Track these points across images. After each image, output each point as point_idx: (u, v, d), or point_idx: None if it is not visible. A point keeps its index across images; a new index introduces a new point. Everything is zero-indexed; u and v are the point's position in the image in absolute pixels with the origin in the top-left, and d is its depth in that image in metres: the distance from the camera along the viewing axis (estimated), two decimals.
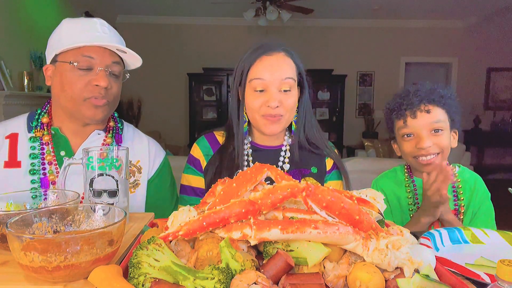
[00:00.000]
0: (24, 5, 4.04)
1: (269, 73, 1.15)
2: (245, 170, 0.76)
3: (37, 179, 1.14)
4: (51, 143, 1.18)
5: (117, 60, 1.18)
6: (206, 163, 1.26)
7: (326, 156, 1.30)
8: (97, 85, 1.12)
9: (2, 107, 3.44)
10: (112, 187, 0.89)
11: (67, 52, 1.13)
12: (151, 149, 1.32)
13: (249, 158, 1.25)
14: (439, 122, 1.22)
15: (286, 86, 1.17)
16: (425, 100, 1.22)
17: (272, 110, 1.15)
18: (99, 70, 1.13)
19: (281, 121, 1.19)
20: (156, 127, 6.84)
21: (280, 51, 1.19)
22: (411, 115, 1.23)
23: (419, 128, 1.22)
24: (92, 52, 1.12)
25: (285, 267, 0.59)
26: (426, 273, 0.59)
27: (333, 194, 0.63)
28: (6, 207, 0.85)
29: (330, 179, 1.30)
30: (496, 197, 1.51)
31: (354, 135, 7.34)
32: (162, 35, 6.99)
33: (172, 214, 0.69)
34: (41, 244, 0.59)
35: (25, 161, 1.15)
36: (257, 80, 1.16)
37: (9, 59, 3.67)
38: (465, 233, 0.96)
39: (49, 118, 1.21)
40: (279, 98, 1.16)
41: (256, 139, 1.29)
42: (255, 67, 1.17)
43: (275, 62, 1.17)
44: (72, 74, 1.12)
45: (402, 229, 0.69)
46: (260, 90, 1.17)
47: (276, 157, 1.27)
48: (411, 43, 7.17)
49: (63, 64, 1.12)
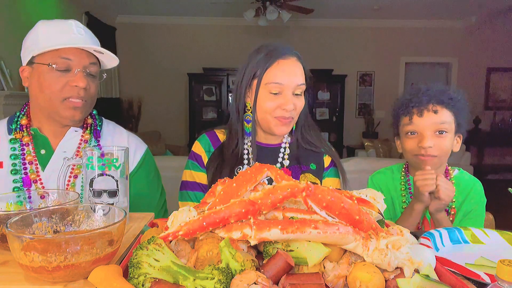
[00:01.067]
0: (24, 5, 4.04)
1: (287, 78, 1.19)
2: (245, 170, 0.76)
3: (19, 179, 1.17)
4: (32, 143, 1.21)
5: (94, 61, 1.22)
6: (208, 160, 1.29)
7: (324, 153, 1.34)
8: (76, 86, 1.15)
9: (2, 107, 3.45)
10: (112, 187, 0.90)
11: (44, 54, 1.15)
12: (131, 143, 1.34)
13: (250, 155, 1.28)
14: (444, 123, 1.22)
15: (300, 91, 1.22)
16: (433, 100, 1.23)
17: (286, 113, 1.20)
18: (77, 71, 1.16)
19: (292, 123, 1.25)
20: (156, 127, 6.83)
21: (293, 55, 1.23)
22: (418, 113, 1.24)
23: (423, 127, 1.23)
24: (70, 53, 1.15)
25: (285, 267, 0.59)
26: (426, 273, 0.59)
27: (333, 194, 0.63)
28: (6, 207, 0.85)
29: (328, 175, 1.33)
30: (496, 197, 1.51)
31: (354, 135, 7.34)
32: (162, 35, 6.99)
33: (172, 214, 0.69)
34: (41, 244, 0.59)
35: (7, 162, 1.18)
36: (274, 84, 1.19)
37: (9, 59, 3.67)
38: (465, 233, 0.96)
39: (28, 120, 1.24)
40: (293, 101, 1.20)
41: (258, 137, 1.31)
42: (272, 71, 1.20)
43: (291, 67, 1.21)
44: (50, 75, 1.14)
45: (402, 229, 0.69)
46: (275, 93, 1.20)
47: (276, 154, 1.30)
48: (411, 43, 7.16)
49: (41, 66, 1.15)
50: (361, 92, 7.42)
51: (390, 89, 7.28)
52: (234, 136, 1.29)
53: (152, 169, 1.40)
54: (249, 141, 1.29)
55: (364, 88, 7.41)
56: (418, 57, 7.29)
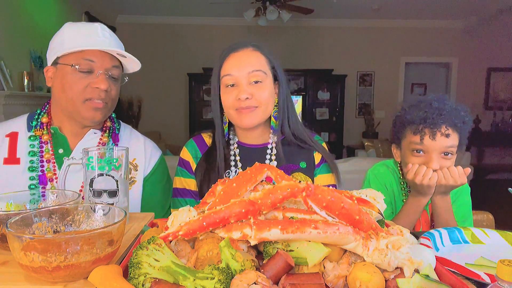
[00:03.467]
0: (24, 5, 4.04)
1: (237, 68, 1.19)
2: (245, 170, 0.76)
3: (36, 176, 1.18)
4: (50, 142, 1.22)
5: (117, 64, 1.23)
6: (196, 165, 1.29)
7: (314, 150, 1.31)
8: (97, 88, 1.16)
9: (2, 107, 3.45)
10: (112, 187, 0.90)
11: (68, 55, 1.16)
12: (147, 148, 1.36)
13: (236, 157, 1.27)
14: (452, 147, 1.21)
15: (255, 78, 1.19)
16: (447, 123, 1.19)
17: (243, 103, 1.18)
18: (99, 73, 1.17)
19: (256, 112, 1.20)
20: (156, 127, 6.84)
21: (248, 46, 1.23)
22: (431, 136, 1.19)
23: (433, 149, 1.20)
24: (93, 56, 1.16)
25: (285, 267, 0.59)
26: (426, 273, 0.59)
27: (333, 194, 0.63)
28: (6, 207, 0.85)
29: (320, 172, 1.30)
30: (496, 197, 1.51)
31: (354, 135, 7.34)
32: (162, 35, 6.99)
33: (172, 214, 0.69)
34: (41, 244, 0.59)
35: (24, 159, 1.19)
36: (226, 77, 1.20)
37: (9, 59, 3.67)
38: (465, 233, 0.96)
39: (48, 118, 1.25)
40: (250, 90, 1.18)
41: (241, 138, 1.30)
42: (224, 65, 1.21)
43: (242, 57, 1.20)
44: (73, 76, 1.16)
45: (402, 229, 0.69)
46: (231, 85, 1.20)
47: (263, 155, 1.28)
48: (411, 43, 7.16)
49: (65, 67, 1.16)
50: (361, 92, 7.43)
51: (390, 89, 7.28)
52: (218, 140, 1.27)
53: (164, 176, 1.40)
54: (235, 142, 1.29)
55: (364, 88, 7.42)
56: (418, 57, 7.29)
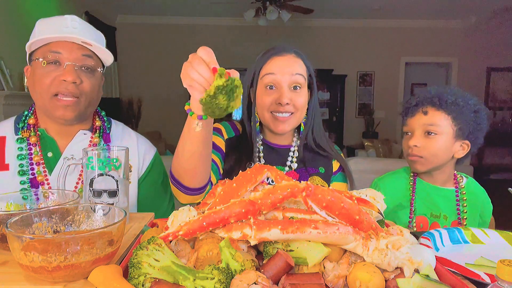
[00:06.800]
0: (24, 5, 4.04)
1: (279, 69, 1.19)
2: (245, 171, 0.76)
3: (26, 180, 1.13)
4: (39, 144, 1.17)
5: (88, 53, 1.15)
6: (227, 138, 1.30)
7: (333, 158, 1.34)
8: (64, 80, 1.10)
9: (2, 107, 3.45)
10: (112, 187, 0.90)
11: (37, 50, 1.13)
12: (141, 147, 1.31)
13: (260, 154, 1.29)
14: (434, 125, 1.22)
15: (296, 82, 1.20)
16: (425, 102, 1.25)
17: (282, 107, 1.18)
18: (66, 65, 1.11)
19: (291, 120, 1.22)
20: (156, 127, 6.83)
21: (291, 52, 1.24)
22: (410, 114, 1.28)
23: (413, 127, 1.27)
24: (59, 47, 1.11)
25: (285, 267, 0.59)
26: (426, 273, 0.59)
27: (333, 194, 0.63)
28: (6, 207, 0.85)
29: (336, 180, 1.34)
30: (496, 197, 1.50)
31: (354, 135, 7.34)
32: (162, 35, 6.98)
33: (172, 214, 0.69)
34: (41, 244, 0.59)
35: (13, 163, 1.14)
36: (268, 75, 1.20)
37: (9, 59, 3.67)
38: (465, 233, 0.96)
39: (35, 120, 1.20)
40: (290, 96, 1.18)
41: (267, 137, 1.32)
42: (267, 65, 1.22)
43: (285, 61, 1.21)
44: (41, 71, 1.11)
45: (402, 229, 0.69)
46: (271, 87, 1.20)
47: (285, 156, 1.31)
48: (411, 43, 7.16)
49: (35, 62, 1.13)
50: (361, 92, 7.42)
51: (390, 89, 7.28)
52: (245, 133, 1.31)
53: (161, 174, 1.36)
54: (260, 139, 1.31)
55: (364, 88, 7.41)
56: (418, 57, 7.29)
